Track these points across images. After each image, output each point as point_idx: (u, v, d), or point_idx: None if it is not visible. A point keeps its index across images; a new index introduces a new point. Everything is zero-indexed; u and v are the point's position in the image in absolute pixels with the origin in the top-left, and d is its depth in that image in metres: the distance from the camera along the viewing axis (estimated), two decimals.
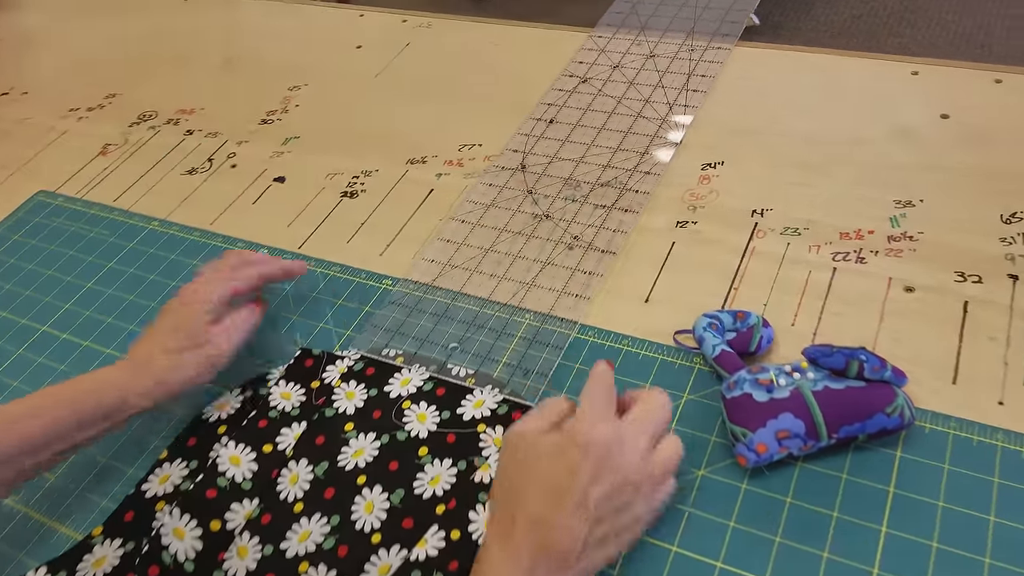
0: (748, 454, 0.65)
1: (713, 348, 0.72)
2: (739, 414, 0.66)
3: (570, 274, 0.84)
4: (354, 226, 0.96)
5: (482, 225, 0.91)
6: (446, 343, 0.81)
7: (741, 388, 0.67)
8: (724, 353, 0.71)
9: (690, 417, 0.71)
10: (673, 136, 0.97)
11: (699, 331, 0.74)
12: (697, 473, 0.68)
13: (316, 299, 0.88)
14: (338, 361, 0.81)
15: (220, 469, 0.73)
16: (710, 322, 0.74)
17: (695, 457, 0.68)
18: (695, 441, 0.69)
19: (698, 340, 0.74)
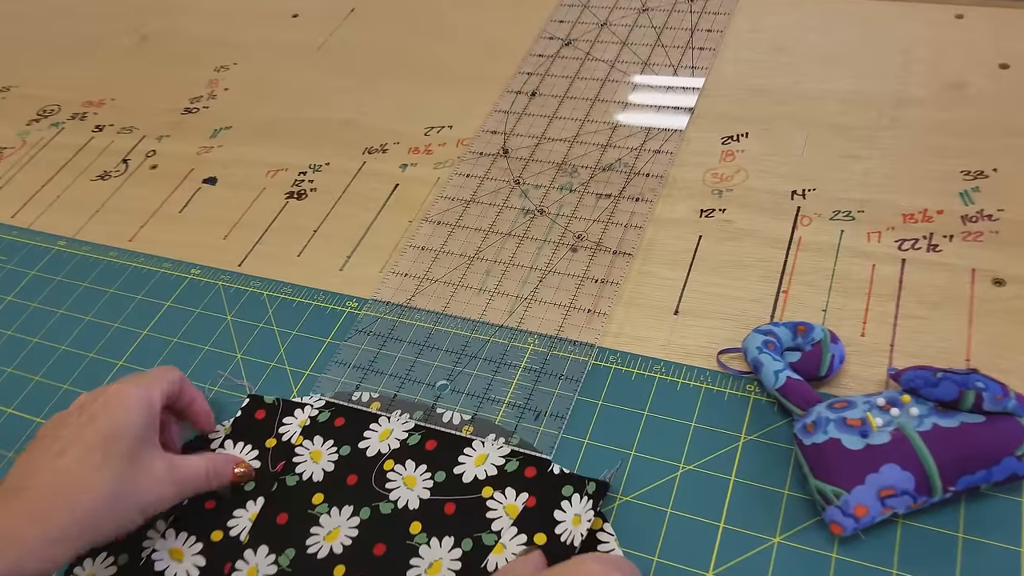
0: (844, 520, 0.50)
1: (775, 376, 0.57)
2: (827, 467, 0.51)
3: (578, 283, 0.68)
4: (305, 234, 0.79)
5: (463, 226, 0.75)
6: (432, 380, 0.64)
7: (824, 431, 0.52)
8: (791, 382, 0.56)
9: (752, 465, 0.56)
10: (683, 105, 0.81)
11: (753, 353, 0.59)
12: (772, 541, 0.53)
13: (264, 330, 0.71)
14: (297, 411, 0.64)
15: (158, 568, 0.57)
16: (765, 340, 0.59)
17: (764, 519, 0.53)
18: (763, 498, 0.54)
19: (753, 364, 0.58)
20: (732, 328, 0.63)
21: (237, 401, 0.66)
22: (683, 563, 0.53)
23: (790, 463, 0.56)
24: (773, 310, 0.64)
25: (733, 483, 0.55)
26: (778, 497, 0.54)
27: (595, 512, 0.54)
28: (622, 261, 0.69)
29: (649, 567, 0.53)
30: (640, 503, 0.56)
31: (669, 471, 0.57)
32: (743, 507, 0.54)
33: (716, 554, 0.53)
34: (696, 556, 0.53)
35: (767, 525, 0.53)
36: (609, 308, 0.66)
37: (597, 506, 0.54)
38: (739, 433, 0.58)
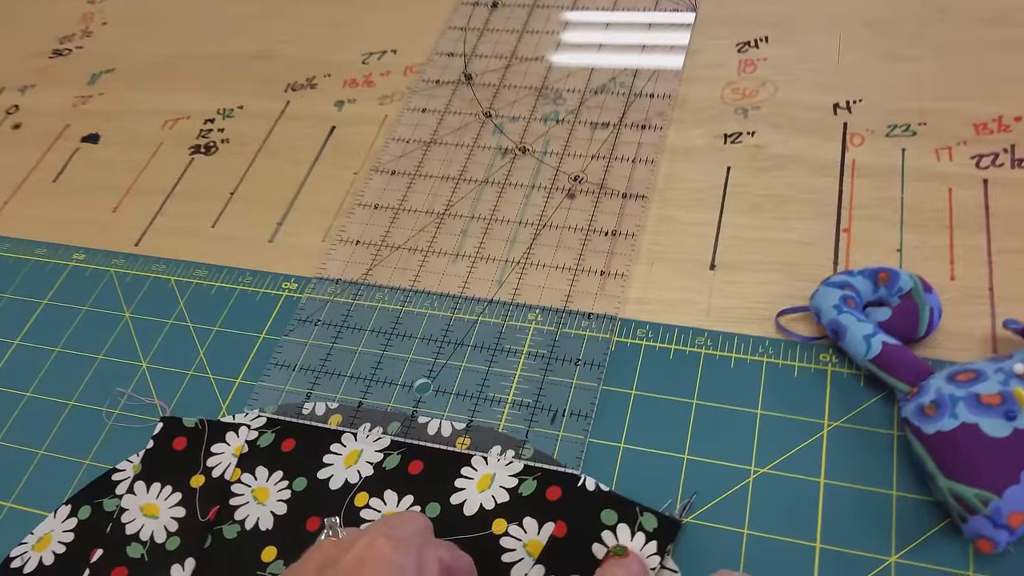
0: (996, 534, 0.37)
1: (867, 343, 0.43)
2: (964, 464, 0.38)
3: (582, 238, 0.53)
4: (219, 199, 0.62)
5: (425, 175, 0.59)
6: (408, 380, 0.49)
7: (953, 414, 0.39)
8: (890, 350, 0.43)
9: (843, 460, 0.43)
10: (682, 5, 0.65)
11: (829, 313, 0.45)
12: (887, 560, 0.39)
13: (175, 329, 0.54)
14: (230, 435, 0.48)
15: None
16: (844, 296, 0.45)
17: (872, 533, 0.40)
18: (866, 504, 0.41)
19: (831, 329, 0.45)
20: (787, 281, 0.50)
21: (146, 427, 0.50)
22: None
23: (893, 452, 0.43)
24: (835, 254, 0.50)
25: (823, 487, 0.42)
26: (886, 501, 0.41)
27: (661, 558, 0.40)
28: (635, 206, 0.54)
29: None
30: (706, 524, 0.42)
31: (738, 478, 0.43)
32: (842, 519, 0.41)
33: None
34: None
35: (878, 541, 0.40)
36: (627, 267, 0.52)
37: (664, 551, 0.40)
38: (821, 419, 0.44)
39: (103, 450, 0.50)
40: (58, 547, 0.46)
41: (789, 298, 0.49)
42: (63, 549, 0.46)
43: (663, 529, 0.41)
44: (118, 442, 0.50)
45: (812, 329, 0.47)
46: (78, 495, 0.48)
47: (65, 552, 0.46)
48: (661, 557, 0.40)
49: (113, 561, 0.45)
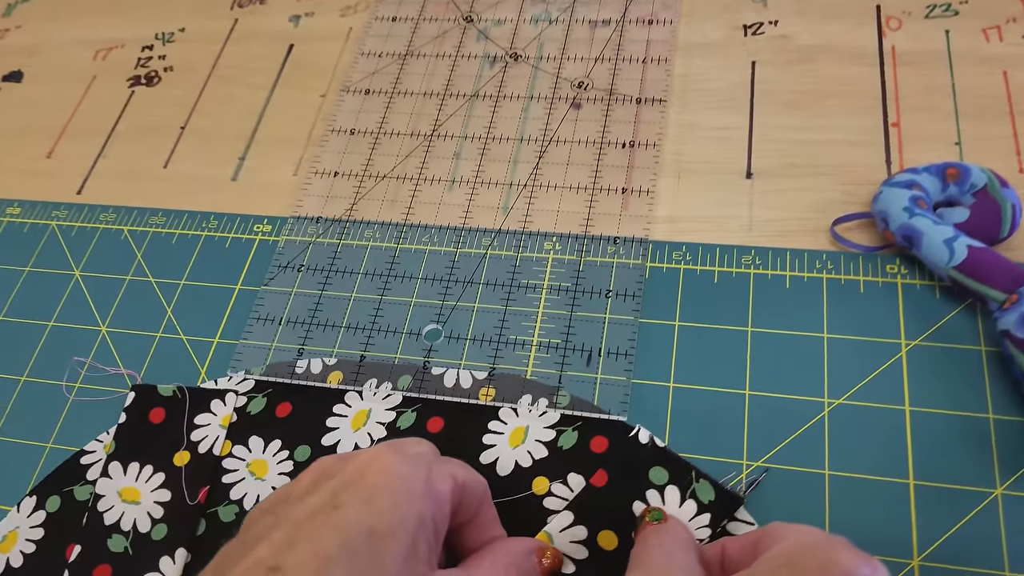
0: None
1: (949, 248, 0.37)
2: None
3: (596, 153, 0.47)
4: (169, 135, 0.54)
5: (404, 92, 0.51)
6: (415, 327, 0.43)
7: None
8: (977, 254, 0.37)
9: (928, 384, 0.38)
10: None
11: (899, 217, 0.39)
12: (992, 493, 0.35)
13: (135, 285, 0.47)
14: (215, 402, 0.42)
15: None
16: (913, 196, 0.40)
17: (972, 464, 0.35)
18: (960, 432, 0.36)
19: (903, 235, 0.39)
20: (835, 186, 0.44)
21: (115, 400, 0.43)
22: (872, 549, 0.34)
23: (983, 370, 0.37)
24: (887, 152, 0.45)
25: (910, 415, 0.37)
26: (982, 426, 0.36)
27: (712, 533, 0.34)
28: (652, 112, 0.48)
29: None
30: (781, 467, 0.36)
31: (811, 412, 0.37)
32: (935, 450, 0.36)
33: (915, 529, 0.34)
34: (887, 537, 0.34)
35: (979, 471, 0.35)
36: (652, 182, 0.45)
37: (718, 526, 0.35)
38: (897, 339, 0.39)
39: (67, 430, 0.43)
40: (26, 546, 0.40)
41: (841, 204, 0.43)
42: (32, 548, 0.39)
43: (720, 503, 0.35)
44: (83, 420, 0.43)
45: (873, 237, 0.42)
46: (43, 484, 0.41)
47: (36, 551, 0.39)
48: (713, 531, 0.34)
49: (94, 558, 0.38)
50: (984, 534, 0.34)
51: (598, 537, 0.35)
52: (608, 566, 0.34)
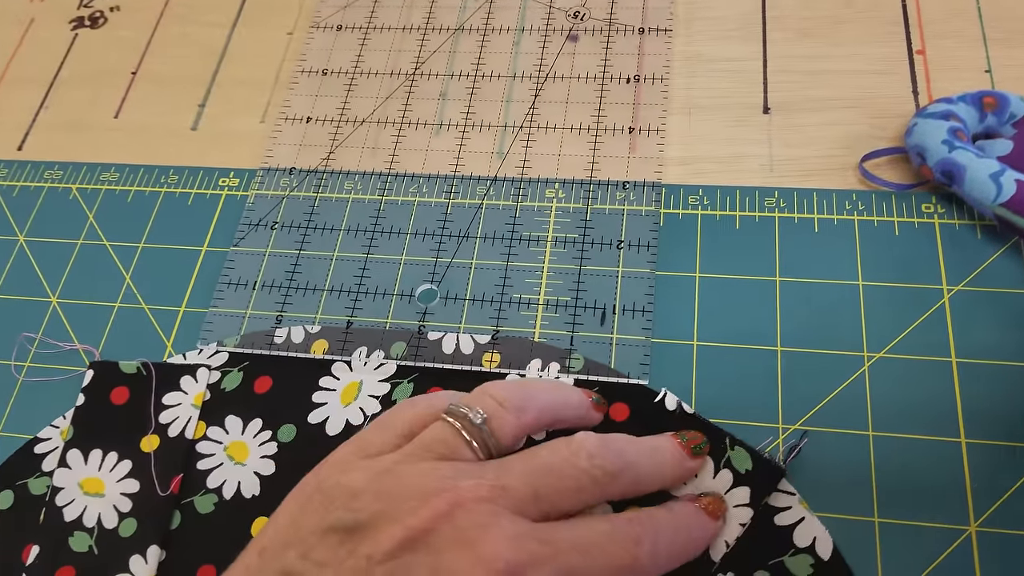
0: None
1: (996, 184, 0.34)
2: None
3: (598, 89, 0.42)
4: (118, 82, 0.48)
5: (380, 27, 0.47)
6: (407, 288, 0.38)
7: None
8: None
9: (974, 333, 0.34)
10: None
11: (938, 152, 0.36)
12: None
13: (89, 250, 0.42)
14: (186, 379, 0.37)
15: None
16: (952, 128, 0.36)
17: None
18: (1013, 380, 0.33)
19: (943, 170, 0.36)
20: (861, 119, 0.40)
21: (71, 380, 0.38)
22: (924, 516, 0.31)
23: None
24: (913, 82, 0.41)
25: (957, 367, 0.34)
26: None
27: (755, 511, 0.31)
28: (657, 42, 0.43)
29: (871, 536, 0.31)
30: (820, 429, 0.33)
31: (850, 367, 0.34)
32: (986, 404, 0.33)
33: (971, 492, 0.31)
34: (938, 501, 0.31)
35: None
36: (662, 120, 0.41)
37: (759, 502, 0.31)
38: (938, 284, 0.35)
39: (17, 415, 0.38)
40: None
41: (868, 139, 0.39)
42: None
43: (759, 474, 0.32)
44: (36, 403, 0.38)
45: (904, 174, 0.38)
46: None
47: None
48: (755, 509, 0.31)
49: (55, 560, 0.34)
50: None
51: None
52: None
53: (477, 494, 0.26)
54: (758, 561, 0.31)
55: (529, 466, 0.27)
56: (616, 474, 0.28)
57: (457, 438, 0.28)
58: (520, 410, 0.29)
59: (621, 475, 0.28)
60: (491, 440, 0.28)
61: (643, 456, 0.30)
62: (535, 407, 0.30)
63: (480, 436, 0.28)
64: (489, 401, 0.29)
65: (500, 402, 0.29)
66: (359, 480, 0.27)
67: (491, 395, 0.30)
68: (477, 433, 0.28)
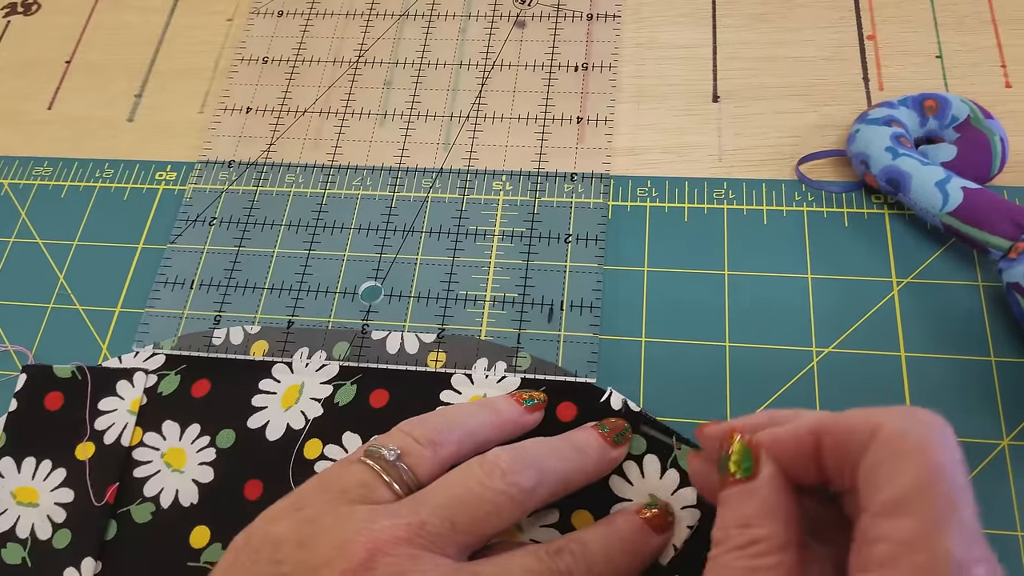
0: None
1: (943, 192, 0.34)
2: None
3: (546, 77, 0.41)
4: (52, 71, 0.47)
5: (323, 12, 0.45)
6: (349, 285, 0.37)
7: None
8: (974, 196, 0.33)
9: (923, 326, 0.34)
10: None
11: (882, 159, 0.35)
12: (1000, 444, 0.32)
13: (21, 248, 0.41)
14: (122, 383, 0.36)
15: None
16: (895, 134, 0.35)
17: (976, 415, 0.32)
18: (961, 378, 0.33)
19: (889, 178, 0.35)
20: (811, 107, 0.40)
21: (4, 385, 0.37)
22: None
23: (983, 308, 0.34)
24: (863, 68, 0.40)
25: (906, 362, 0.33)
26: (984, 370, 0.33)
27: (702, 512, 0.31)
28: (605, 29, 0.43)
29: None
30: None
31: (799, 363, 0.34)
32: (936, 399, 0.33)
33: None
34: None
35: (983, 421, 0.32)
36: (610, 110, 0.40)
37: (707, 503, 0.31)
38: (888, 277, 0.35)
39: None
40: None
41: (818, 128, 0.39)
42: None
43: None
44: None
45: (850, 171, 0.38)
46: None
47: None
48: (702, 511, 0.31)
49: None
50: (993, 488, 0.31)
51: (572, 518, 0.31)
52: None
53: (394, 535, 0.25)
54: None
55: (443, 497, 0.27)
56: (534, 488, 0.27)
57: (376, 479, 0.27)
58: (436, 444, 0.29)
59: (540, 486, 0.28)
60: (408, 476, 0.28)
61: (563, 459, 0.29)
62: (454, 438, 0.29)
63: (398, 474, 0.27)
64: (404, 438, 0.29)
65: (416, 438, 0.29)
66: (283, 530, 0.26)
67: (406, 431, 0.29)
68: (395, 471, 0.27)
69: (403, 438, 0.29)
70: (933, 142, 0.37)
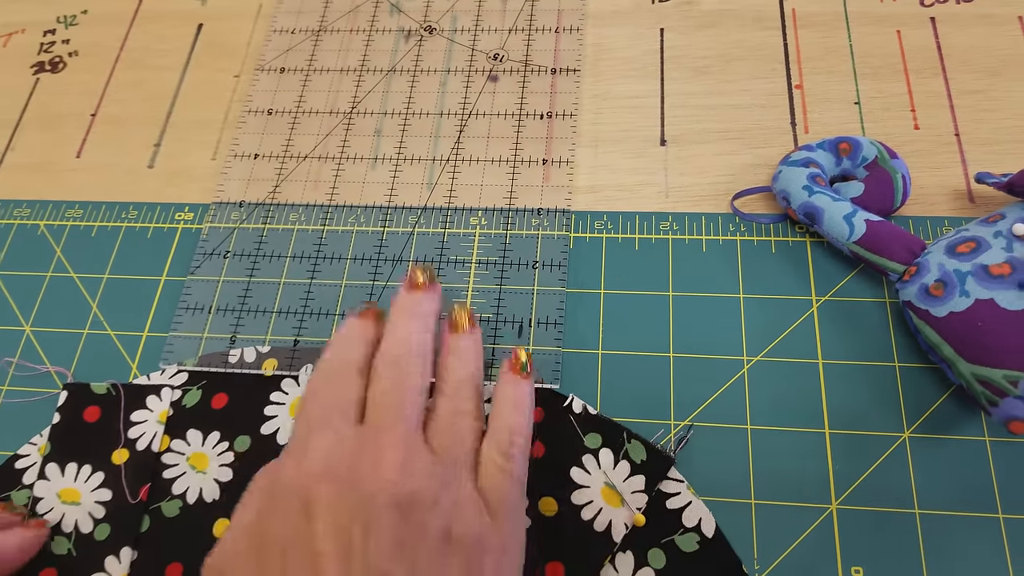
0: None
1: (850, 224, 0.40)
2: (985, 344, 0.35)
3: (516, 125, 0.47)
4: (79, 123, 0.53)
5: (320, 69, 0.51)
6: (347, 307, 0.43)
7: (963, 291, 0.36)
8: (876, 227, 0.39)
9: (838, 338, 0.40)
10: None
11: (799, 197, 0.41)
12: (901, 436, 0.38)
13: (58, 282, 0.46)
14: (151, 398, 0.42)
15: None
16: (812, 174, 0.42)
17: (881, 410, 0.38)
18: (869, 381, 0.39)
19: (805, 213, 0.41)
20: (746, 149, 0.46)
21: (46, 401, 0.43)
22: (793, 497, 0.37)
23: (888, 321, 0.40)
24: (791, 114, 0.46)
25: (823, 368, 0.39)
26: (889, 374, 0.39)
27: (649, 496, 0.36)
28: (567, 81, 0.49)
29: (748, 516, 0.36)
30: (706, 424, 0.38)
31: (732, 370, 0.40)
32: (848, 399, 0.39)
33: (833, 473, 0.37)
34: (805, 484, 0.37)
35: (887, 417, 0.38)
36: (571, 152, 0.46)
37: (652, 489, 0.36)
38: (808, 295, 0.41)
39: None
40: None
41: (752, 167, 0.45)
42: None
43: (652, 463, 0.37)
44: (14, 423, 0.42)
45: (775, 205, 0.44)
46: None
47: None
48: (649, 495, 0.36)
49: (38, 562, 0.38)
50: (895, 476, 0.37)
51: (539, 504, 0.37)
52: (550, 532, 0.36)
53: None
54: (652, 540, 0.36)
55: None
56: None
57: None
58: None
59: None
60: None
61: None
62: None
63: None
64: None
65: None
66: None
67: None
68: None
69: None
70: (847, 180, 0.43)
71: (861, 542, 0.36)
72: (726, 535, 0.36)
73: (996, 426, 0.37)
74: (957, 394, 0.38)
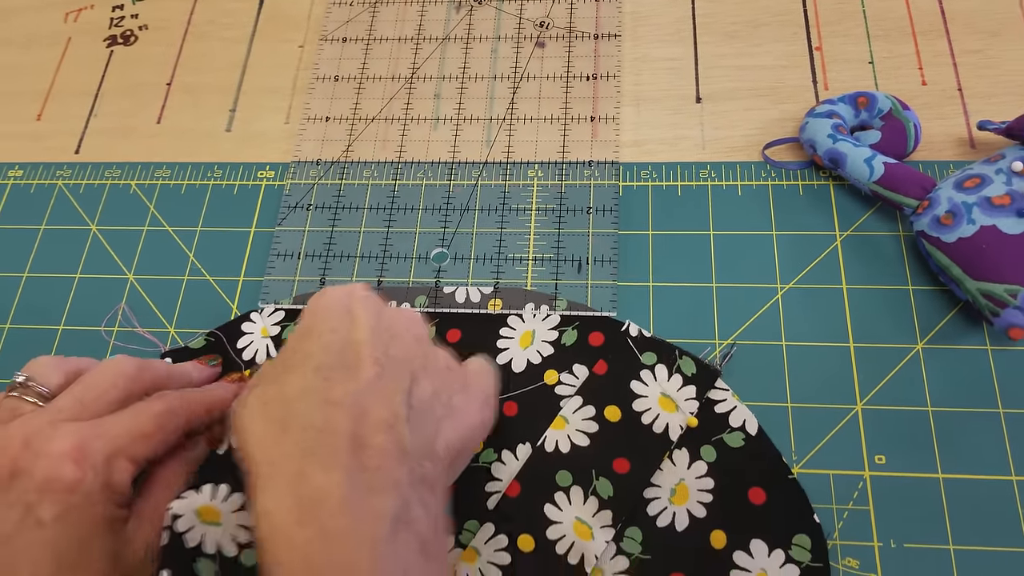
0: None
1: (869, 166, 0.45)
2: (989, 263, 0.41)
3: (564, 86, 0.53)
4: (156, 92, 0.57)
5: (380, 38, 0.56)
6: (423, 251, 0.49)
7: (970, 220, 0.42)
8: (892, 169, 0.45)
9: (860, 266, 0.46)
10: None
11: (824, 144, 0.47)
12: (915, 347, 0.43)
13: (155, 235, 0.51)
14: (246, 323, 0.47)
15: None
16: (835, 124, 0.47)
17: (898, 326, 0.44)
18: (888, 302, 0.45)
19: (829, 158, 0.46)
20: (773, 105, 0.51)
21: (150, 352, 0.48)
22: (823, 400, 0.42)
23: (902, 252, 0.46)
24: (812, 73, 0.52)
25: (847, 292, 0.45)
26: (904, 296, 0.45)
27: (699, 403, 0.42)
28: (609, 46, 0.54)
29: (785, 417, 0.42)
30: (747, 342, 0.44)
31: (767, 296, 0.45)
32: (868, 318, 0.44)
33: (857, 379, 0.43)
34: (833, 389, 0.43)
35: (903, 332, 0.44)
36: (616, 111, 0.52)
37: (702, 397, 0.42)
38: (832, 231, 0.47)
39: None
40: None
41: (778, 121, 0.50)
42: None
43: (701, 375, 0.43)
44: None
45: (802, 153, 0.49)
46: None
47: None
48: (700, 402, 0.42)
49: None
50: (910, 381, 0.42)
51: (605, 412, 0.42)
52: (616, 434, 0.42)
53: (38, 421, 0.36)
54: (704, 438, 0.42)
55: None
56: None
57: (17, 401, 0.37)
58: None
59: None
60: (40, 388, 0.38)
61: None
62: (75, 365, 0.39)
63: (31, 391, 0.37)
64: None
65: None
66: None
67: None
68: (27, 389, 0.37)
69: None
70: (865, 129, 0.48)
71: (883, 435, 0.42)
72: (767, 433, 0.42)
73: (997, 335, 0.43)
74: (963, 311, 0.44)
